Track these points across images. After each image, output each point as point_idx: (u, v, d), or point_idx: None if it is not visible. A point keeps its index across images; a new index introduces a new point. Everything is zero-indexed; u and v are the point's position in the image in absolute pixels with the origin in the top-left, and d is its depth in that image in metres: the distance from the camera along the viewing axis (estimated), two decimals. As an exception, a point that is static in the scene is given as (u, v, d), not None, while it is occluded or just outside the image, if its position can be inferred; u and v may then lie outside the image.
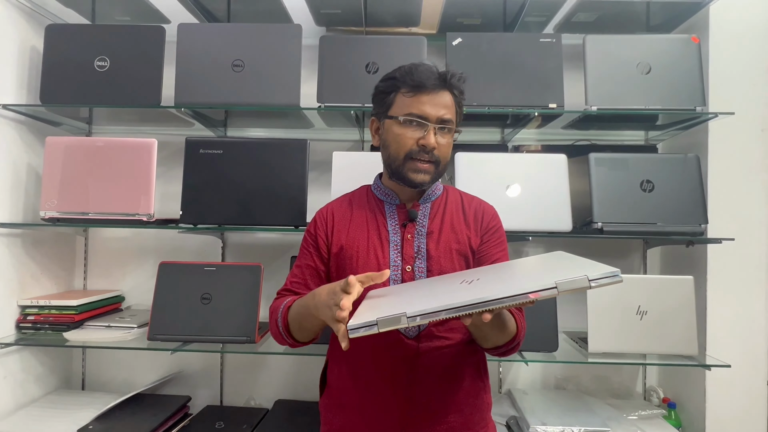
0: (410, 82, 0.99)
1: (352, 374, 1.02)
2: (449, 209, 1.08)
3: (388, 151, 1.04)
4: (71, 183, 1.49)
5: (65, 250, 1.80)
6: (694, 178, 1.49)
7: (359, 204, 1.10)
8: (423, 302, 0.73)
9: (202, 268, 1.51)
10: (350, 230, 1.05)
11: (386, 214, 1.06)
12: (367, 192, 1.13)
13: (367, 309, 0.79)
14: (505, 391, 1.78)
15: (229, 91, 1.50)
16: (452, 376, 1.00)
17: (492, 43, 1.52)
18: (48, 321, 1.53)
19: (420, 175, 1.01)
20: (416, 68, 1.00)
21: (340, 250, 1.04)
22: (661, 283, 1.45)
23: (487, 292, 0.70)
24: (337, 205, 1.12)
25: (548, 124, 1.74)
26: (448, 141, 1.02)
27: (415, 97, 0.99)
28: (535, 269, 0.84)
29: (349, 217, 1.08)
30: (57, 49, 1.53)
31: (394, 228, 1.04)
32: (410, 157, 1.00)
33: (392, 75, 1.03)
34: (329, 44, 1.53)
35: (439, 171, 1.03)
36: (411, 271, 1.00)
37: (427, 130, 0.99)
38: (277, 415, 1.65)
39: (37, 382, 1.65)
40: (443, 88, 1.00)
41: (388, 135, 1.03)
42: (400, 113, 1.00)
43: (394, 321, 0.70)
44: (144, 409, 1.58)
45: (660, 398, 1.70)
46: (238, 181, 1.48)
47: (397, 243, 1.02)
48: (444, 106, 1.00)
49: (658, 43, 1.52)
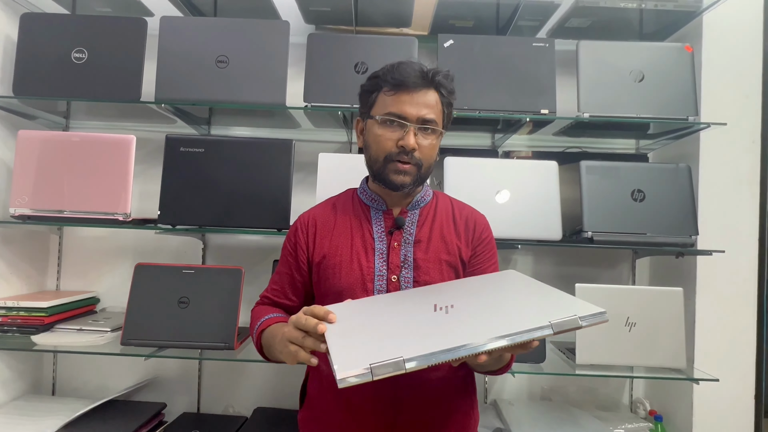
0: (391, 80, 0.95)
1: (332, 389, 0.96)
2: (439, 217, 1.03)
3: (369, 152, 0.99)
4: (45, 179, 1.43)
5: (37, 249, 1.73)
6: (685, 189, 1.48)
7: (343, 209, 1.04)
8: (410, 340, 0.69)
9: (180, 270, 1.46)
10: (333, 237, 1.00)
11: (372, 220, 1.01)
12: (352, 196, 1.07)
13: (344, 345, 0.71)
14: (490, 401, 1.75)
15: (212, 88, 1.44)
16: (438, 394, 0.95)
17: (484, 45, 1.49)
18: (16, 323, 1.45)
19: (400, 177, 0.95)
20: (399, 66, 0.95)
21: (323, 259, 0.99)
22: (650, 295, 1.42)
23: (482, 334, 0.68)
24: (319, 211, 1.06)
25: (539, 130, 1.71)
26: (431, 142, 0.96)
27: (396, 95, 0.94)
28: (512, 301, 0.82)
29: (333, 223, 1.02)
30: (32, 39, 1.46)
31: (380, 235, 0.99)
32: (390, 159, 0.95)
33: (376, 74, 0.98)
34: (318, 42, 1.49)
35: (422, 174, 0.98)
36: (397, 281, 0.95)
37: (407, 131, 0.94)
38: (256, 424, 1.59)
39: (4, 387, 1.58)
40: (427, 87, 0.95)
41: (369, 136, 0.99)
42: (380, 113, 0.96)
43: (390, 367, 0.64)
44: (117, 415, 1.51)
45: (647, 410, 1.68)
46: (220, 181, 1.43)
47: (383, 251, 0.97)
48: (426, 105, 0.94)
49: (652, 51, 1.51)
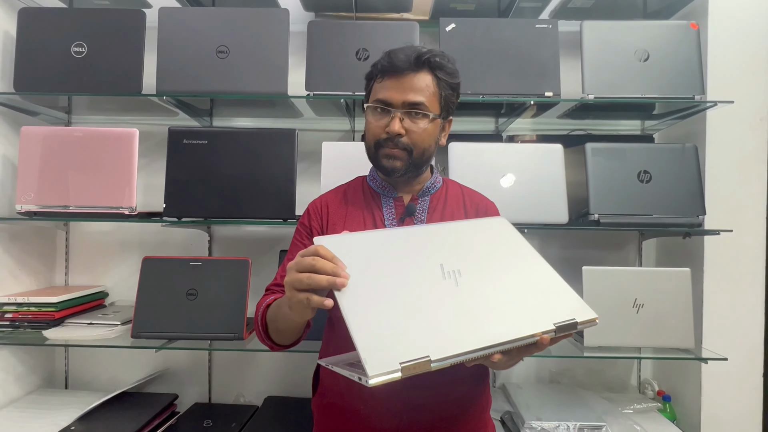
0: (380, 67, 0.95)
1: (344, 378, 0.97)
2: (449, 204, 1.03)
3: (365, 140, 1.01)
4: (49, 175, 1.43)
5: (45, 245, 1.73)
6: (692, 169, 1.46)
7: (355, 197, 1.05)
8: (432, 332, 0.69)
9: (187, 263, 1.46)
10: (346, 223, 1.00)
11: (383, 207, 1.02)
12: (362, 184, 1.08)
13: (367, 333, 0.68)
14: (499, 385, 1.76)
15: (213, 79, 1.43)
16: (452, 378, 0.95)
17: (486, 29, 1.47)
18: (27, 319, 1.47)
19: (390, 161, 0.95)
20: (391, 51, 0.95)
21: None
22: (658, 276, 1.42)
23: (497, 334, 0.71)
24: (331, 197, 1.06)
25: (543, 114, 1.70)
26: (421, 127, 0.95)
27: (384, 81, 0.95)
28: (513, 279, 0.82)
29: (345, 211, 1.03)
30: (31, 35, 1.45)
31: (391, 222, 0.99)
32: (380, 145, 0.96)
33: (375, 62, 0.99)
34: (318, 30, 1.47)
35: (414, 159, 0.96)
36: None
37: (393, 116, 0.94)
38: (267, 413, 1.61)
39: (17, 381, 1.60)
40: (416, 70, 0.93)
41: (365, 124, 1.00)
42: (371, 100, 0.97)
43: (419, 368, 0.66)
44: (130, 407, 1.53)
45: (655, 391, 1.68)
46: (224, 172, 1.43)
47: None
48: (413, 89, 0.93)
49: (657, 30, 1.48)
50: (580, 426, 1.37)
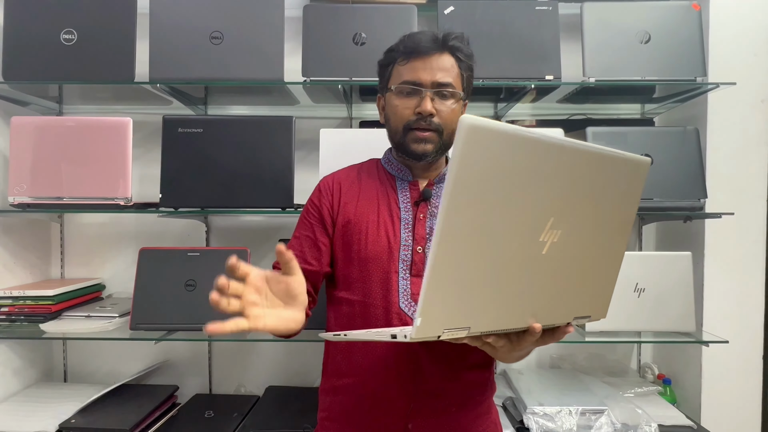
0: (403, 49, 0.95)
1: (354, 362, 0.96)
2: None
3: (389, 125, 1.00)
4: (42, 166, 1.40)
5: (39, 238, 1.71)
6: (693, 152, 1.45)
7: (368, 176, 1.04)
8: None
9: (185, 253, 1.44)
10: (359, 204, 0.99)
11: (398, 189, 1.00)
12: (377, 165, 1.07)
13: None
14: (500, 371, 1.76)
15: (207, 66, 1.40)
16: (458, 362, 0.95)
17: (485, 11, 1.44)
18: (23, 312, 1.45)
19: (421, 145, 0.95)
20: (413, 35, 0.96)
21: (347, 224, 0.98)
22: (659, 260, 1.42)
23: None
24: (344, 175, 1.05)
25: (543, 98, 1.68)
26: (450, 106, 0.95)
27: (409, 63, 0.94)
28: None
29: (358, 189, 1.01)
30: (19, 22, 1.41)
31: (406, 206, 0.98)
32: (409, 127, 0.95)
33: (391, 47, 0.99)
34: (314, 14, 1.44)
35: (444, 141, 0.96)
36: (422, 253, 0.94)
37: (423, 97, 0.93)
38: (268, 402, 1.61)
39: (16, 375, 1.58)
40: (440, 51, 0.94)
41: (388, 108, 0.99)
42: (395, 83, 0.96)
43: (457, 336, 0.61)
44: (130, 399, 1.52)
45: (655, 375, 1.69)
46: (221, 161, 1.40)
47: (409, 222, 0.96)
48: (440, 69, 0.94)
49: (658, 11, 1.46)
50: (582, 410, 1.37)
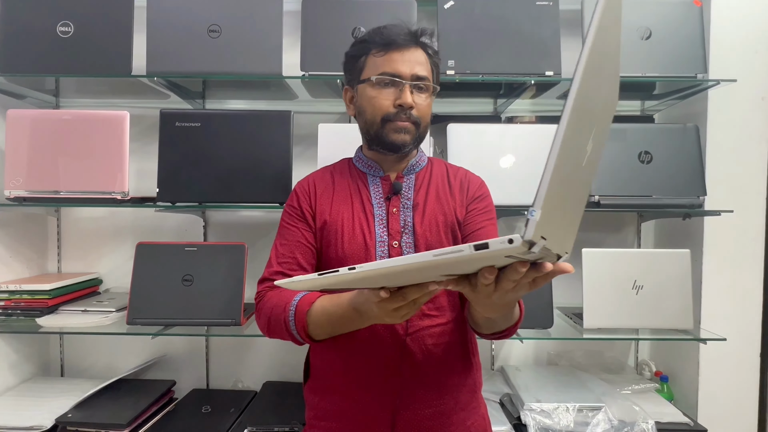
0: (380, 40, 0.95)
1: (341, 357, 0.96)
2: (434, 180, 1.03)
3: (364, 117, 0.99)
4: (38, 160, 1.39)
5: (36, 232, 1.70)
6: (693, 149, 1.45)
7: (341, 177, 1.04)
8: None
9: (182, 248, 1.44)
10: (333, 204, 1.00)
11: (369, 186, 1.01)
12: (348, 165, 1.07)
13: None
14: (497, 368, 1.76)
15: (205, 59, 1.39)
16: (443, 356, 0.95)
17: (486, 5, 1.43)
18: (19, 306, 1.44)
19: (401, 135, 0.95)
20: (385, 27, 0.96)
21: (324, 225, 0.99)
22: (657, 257, 1.42)
23: None
24: (318, 177, 1.06)
25: (543, 94, 1.67)
26: (425, 100, 0.97)
27: (387, 55, 0.94)
28: None
29: (332, 190, 1.02)
30: (15, 14, 1.40)
31: (379, 201, 0.99)
32: (388, 119, 0.95)
33: (361, 38, 0.99)
34: (313, 8, 1.43)
35: (420, 133, 0.98)
36: (398, 247, 0.95)
37: (403, 89, 0.94)
38: (265, 397, 1.61)
39: (12, 370, 1.58)
40: (415, 45, 0.96)
41: (363, 100, 0.98)
42: (372, 74, 0.95)
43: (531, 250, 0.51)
44: (127, 394, 1.52)
45: (652, 372, 1.69)
46: (219, 155, 1.39)
47: (383, 217, 0.97)
48: (417, 62, 0.95)
49: (659, 7, 1.45)
50: (579, 407, 1.37)
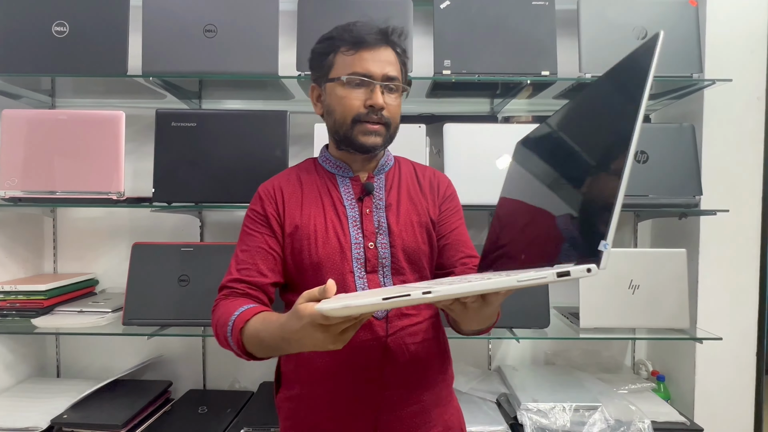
0: (349, 38, 0.92)
1: (324, 363, 0.93)
2: (404, 180, 1.02)
3: (333, 116, 0.96)
4: (34, 160, 1.38)
5: (32, 232, 1.70)
6: (689, 149, 1.45)
7: (309, 178, 1.01)
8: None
9: (178, 248, 1.44)
10: (304, 208, 0.96)
11: (339, 187, 0.99)
12: (315, 165, 1.04)
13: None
14: (494, 367, 1.76)
15: (201, 59, 1.39)
16: (422, 353, 0.95)
17: (482, 5, 1.43)
18: (15, 307, 1.44)
19: (371, 138, 0.93)
20: (354, 25, 0.93)
21: (295, 230, 0.94)
22: (654, 257, 1.42)
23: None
24: (284, 180, 1.01)
25: (539, 94, 1.67)
26: (396, 101, 0.95)
27: (357, 54, 0.91)
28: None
29: (300, 193, 0.98)
30: (9, 13, 1.39)
31: (351, 202, 0.97)
32: (358, 120, 0.93)
33: (329, 35, 0.96)
34: (309, 7, 1.43)
35: (391, 134, 0.97)
36: (374, 248, 0.93)
37: (374, 89, 0.91)
38: (262, 398, 1.61)
39: (8, 370, 1.57)
40: (385, 44, 0.94)
41: (332, 99, 0.95)
42: (342, 73, 0.92)
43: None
44: (123, 395, 1.51)
45: (649, 371, 1.70)
46: (215, 155, 1.39)
47: (356, 218, 0.95)
48: (388, 62, 0.93)
49: (655, 7, 1.46)
50: (576, 406, 1.37)
